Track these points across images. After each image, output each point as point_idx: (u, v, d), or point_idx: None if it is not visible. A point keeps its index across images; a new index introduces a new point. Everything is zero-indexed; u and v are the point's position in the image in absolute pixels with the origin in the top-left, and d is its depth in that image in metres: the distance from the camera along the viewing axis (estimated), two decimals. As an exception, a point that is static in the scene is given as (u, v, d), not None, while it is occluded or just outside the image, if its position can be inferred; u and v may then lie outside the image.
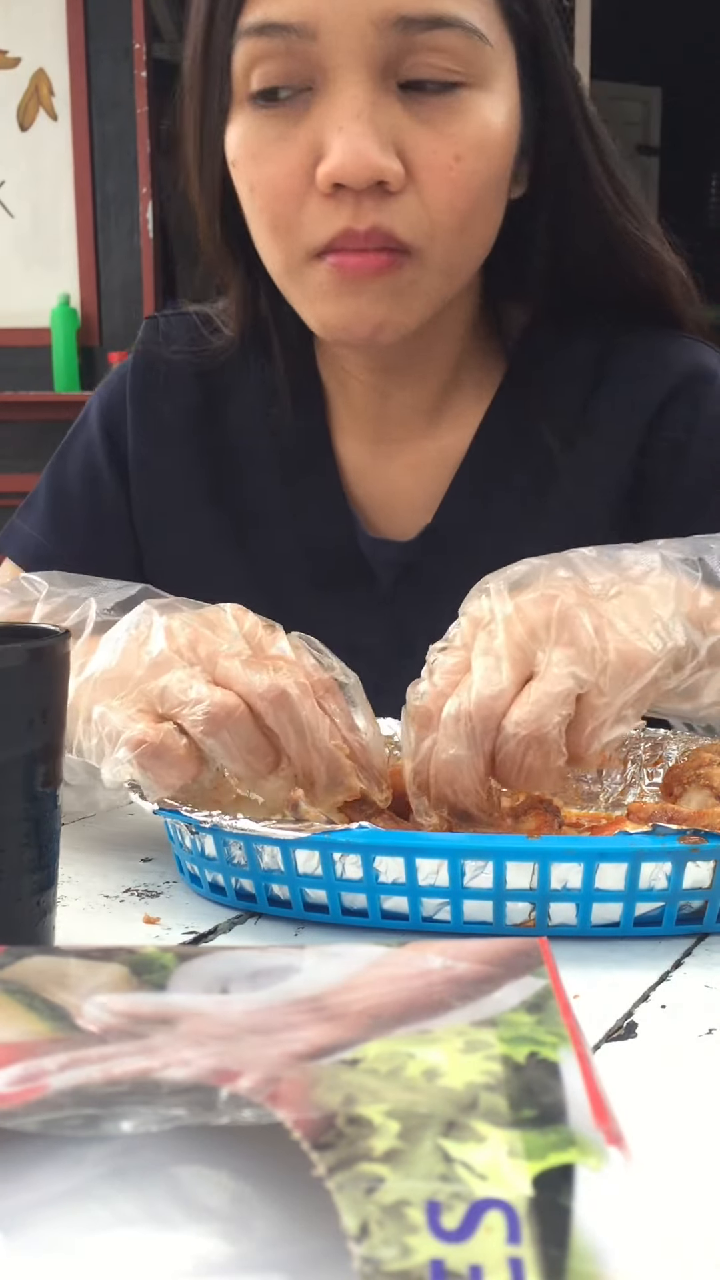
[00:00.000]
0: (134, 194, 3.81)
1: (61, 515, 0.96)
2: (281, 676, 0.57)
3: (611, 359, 0.87)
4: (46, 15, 3.76)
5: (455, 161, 0.72)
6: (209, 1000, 0.33)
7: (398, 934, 0.55)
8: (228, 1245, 0.22)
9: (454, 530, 0.88)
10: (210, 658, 0.59)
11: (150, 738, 0.57)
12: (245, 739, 0.57)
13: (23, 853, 0.49)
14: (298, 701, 0.57)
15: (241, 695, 0.57)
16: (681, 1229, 0.33)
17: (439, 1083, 0.28)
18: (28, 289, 3.87)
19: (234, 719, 0.57)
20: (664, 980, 0.51)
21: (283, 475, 0.91)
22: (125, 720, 0.58)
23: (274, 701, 0.57)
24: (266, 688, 0.57)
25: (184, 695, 0.57)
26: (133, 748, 0.57)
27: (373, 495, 0.90)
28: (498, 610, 0.58)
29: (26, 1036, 0.31)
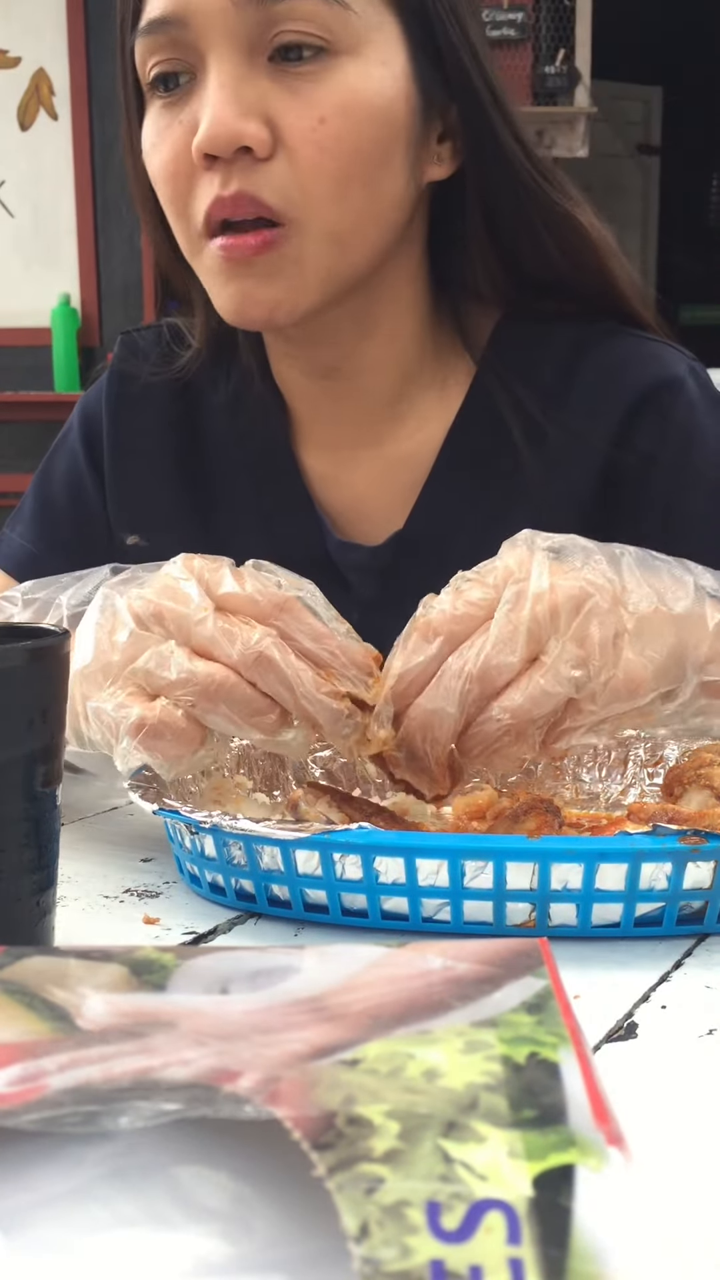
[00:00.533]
0: (134, 194, 3.81)
1: (48, 523, 0.97)
2: (254, 638, 0.57)
3: (581, 363, 0.87)
4: (47, 15, 3.76)
5: (320, 124, 0.74)
6: (209, 1000, 0.33)
7: (398, 934, 0.55)
8: (228, 1245, 0.22)
9: (425, 536, 0.88)
10: (180, 628, 0.58)
11: (148, 719, 0.57)
12: (244, 704, 0.57)
13: (22, 853, 0.49)
14: (280, 660, 0.57)
15: (224, 663, 0.57)
16: (681, 1229, 0.33)
17: (439, 1083, 0.28)
18: (28, 289, 3.87)
19: (226, 689, 0.57)
20: (664, 981, 0.51)
21: (253, 485, 0.92)
22: (118, 708, 0.59)
23: (257, 665, 0.57)
24: (247, 654, 0.56)
25: (167, 674, 0.57)
26: (134, 733, 0.58)
27: (339, 501, 0.91)
28: (535, 577, 0.57)
29: (26, 1036, 0.31)
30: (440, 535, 0.87)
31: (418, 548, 0.88)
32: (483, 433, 0.87)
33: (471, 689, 0.56)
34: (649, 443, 0.85)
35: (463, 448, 0.88)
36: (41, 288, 3.85)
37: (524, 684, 0.56)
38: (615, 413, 0.85)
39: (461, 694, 0.56)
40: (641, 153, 5.99)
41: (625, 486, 0.85)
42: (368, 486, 0.90)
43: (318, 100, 0.74)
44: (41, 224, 3.86)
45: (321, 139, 0.74)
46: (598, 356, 0.87)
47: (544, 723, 0.57)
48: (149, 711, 0.58)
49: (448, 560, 0.80)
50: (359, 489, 0.90)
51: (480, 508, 0.87)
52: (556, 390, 0.86)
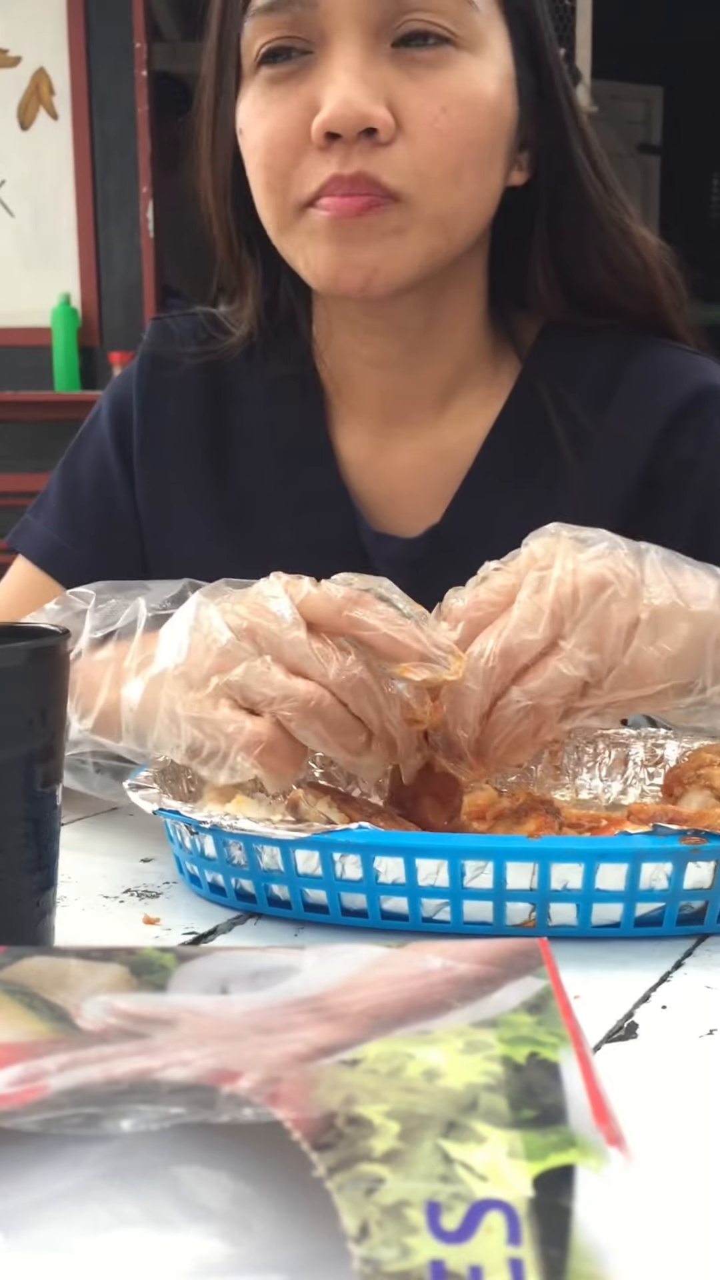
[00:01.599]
0: (135, 193, 3.81)
1: (73, 512, 0.96)
2: (350, 659, 0.58)
3: (624, 370, 0.88)
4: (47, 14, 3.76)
5: (442, 113, 0.76)
6: (209, 1001, 0.33)
7: (398, 934, 0.55)
8: (228, 1246, 0.22)
9: (461, 532, 0.88)
10: (273, 644, 0.59)
11: (264, 735, 0.58)
12: (338, 723, 0.58)
13: (22, 853, 0.49)
14: (374, 685, 0.58)
15: (319, 682, 0.58)
16: (681, 1229, 0.33)
17: (439, 1083, 0.27)
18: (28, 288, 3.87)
19: (324, 708, 0.57)
20: (664, 981, 0.51)
21: (285, 472, 0.92)
22: (227, 720, 0.59)
23: (353, 687, 0.58)
24: (344, 676, 0.58)
25: (267, 689, 0.58)
26: (250, 748, 0.58)
27: (376, 490, 0.91)
28: (560, 561, 0.59)
29: (26, 1037, 0.31)
30: (477, 531, 0.87)
31: (452, 543, 0.88)
32: (525, 432, 0.88)
33: (495, 666, 0.58)
34: (689, 449, 0.86)
35: (505, 445, 0.88)
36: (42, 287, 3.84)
37: (541, 669, 0.58)
38: (657, 419, 0.87)
39: (486, 672, 0.58)
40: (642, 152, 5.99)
41: (664, 491, 0.86)
42: (405, 477, 0.90)
43: (440, 89, 0.77)
44: (42, 223, 3.86)
45: (443, 127, 0.76)
46: (639, 364, 0.88)
47: (562, 705, 0.58)
48: (262, 727, 0.58)
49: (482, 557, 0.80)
50: (396, 479, 0.90)
51: (518, 506, 0.87)
52: (599, 395, 0.88)
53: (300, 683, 0.58)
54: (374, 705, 0.58)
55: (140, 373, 0.95)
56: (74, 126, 3.79)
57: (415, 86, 0.77)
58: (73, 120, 3.79)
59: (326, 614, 0.59)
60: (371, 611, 0.59)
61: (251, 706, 0.59)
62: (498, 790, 0.71)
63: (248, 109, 0.81)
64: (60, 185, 3.84)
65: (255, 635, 0.59)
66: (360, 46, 0.76)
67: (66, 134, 3.81)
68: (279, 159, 0.79)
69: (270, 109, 0.79)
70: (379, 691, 0.58)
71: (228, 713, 0.59)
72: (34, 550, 0.96)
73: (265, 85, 0.79)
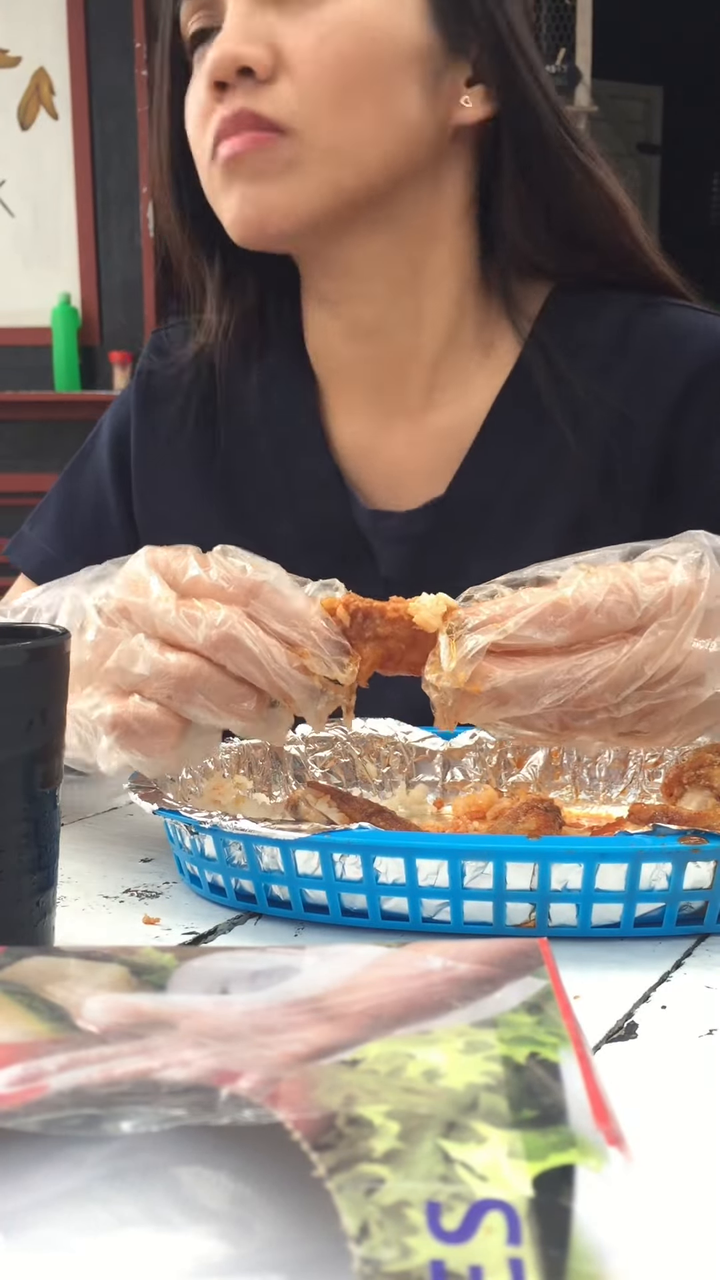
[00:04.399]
0: (135, 193, 3.81)
1: (68, 529, 0.97)
2: (219, 618, 0.55)
3: (632, 335, 0.86)
4: (47, 14, 3.76)
5: (320, 43, 0.77)
6: (209, 1001, 0.33)
7: (398, 935, 0.55)
8: (228, 1246, 0.22)
9: (464, 504, 0.87)
10: (145, 620, 0.57)
11: (121, 715, 0.57)
12: (218, 691, 0.56)
13: (22, 853, 0.49)
14: (247, 638, 0.55)
15: (190, 649, 0.56)
16: (681, 1229, 0.33)
17: (439, 1083, 0.27)
18: (28, 288, 3.87)
19: (201, 679, 0.56)
20: (664, 981, 0.51)
21: (282, 464, 0.92)
22: (93, 708, 0.58)
23: (224, 646, 0.55)
24: (215, 636, 0.55)
25: (138, 668, 0.56)
26: (110, 730, 0.57)
27: (373, 471, 0.90)
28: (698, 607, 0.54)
29: (26, 1037, 0.31)
30: (479, 505, 0.87)
31: (455, 516, 0.87)
32: (529, 407, 0.86)
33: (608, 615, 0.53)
34: (702, 418, 0.83)
35: (507, 421, 0.87)
36: (42, 287, 3.84)
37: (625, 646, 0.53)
38: (674, 384, 0.84)
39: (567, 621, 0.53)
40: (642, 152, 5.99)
41: (678, 464, 0.84)
42: (405, 456, 0.89)
43: (319, 21, 0.78)
44: (42, 223, 3.86)
45: (321, 56, 0.77)
46: (650, 328, 0.86)
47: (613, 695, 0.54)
48: (121, 708, 0.57)
49: (483, 531, 0.80)
50: (395, 458, 0.90)
51: (521, 480, 0.86)
52: (608, 363, 0.85)
53: (171, 656, 0.56)
54: (254, 661, 0.55)
55: (137, 389, 0.97)
56: (74, 126, 3.79)
57: (294, 23, 0.78)
58: (73, 120, 3.79)
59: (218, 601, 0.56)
60: (265, 603, 0.56)
61: (130, 689, 0.57)
62: (498, 790, 0.71)
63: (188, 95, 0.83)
64: (60, 185, 3.84)
65: (128, 613, 0.58)
66: (244, 5, 0.78)
67: (67, 134, 3.81)
68: (194, 126, 0.81)
69: (192, 89, 0.82)
70: (258, 642, 0.55)
71: (97, 700, 0.58)
72: (28, 563, 0.98)
73: (196, 71, 0.82)
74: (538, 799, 0.60)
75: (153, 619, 0.57)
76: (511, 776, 0.73)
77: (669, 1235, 0.33)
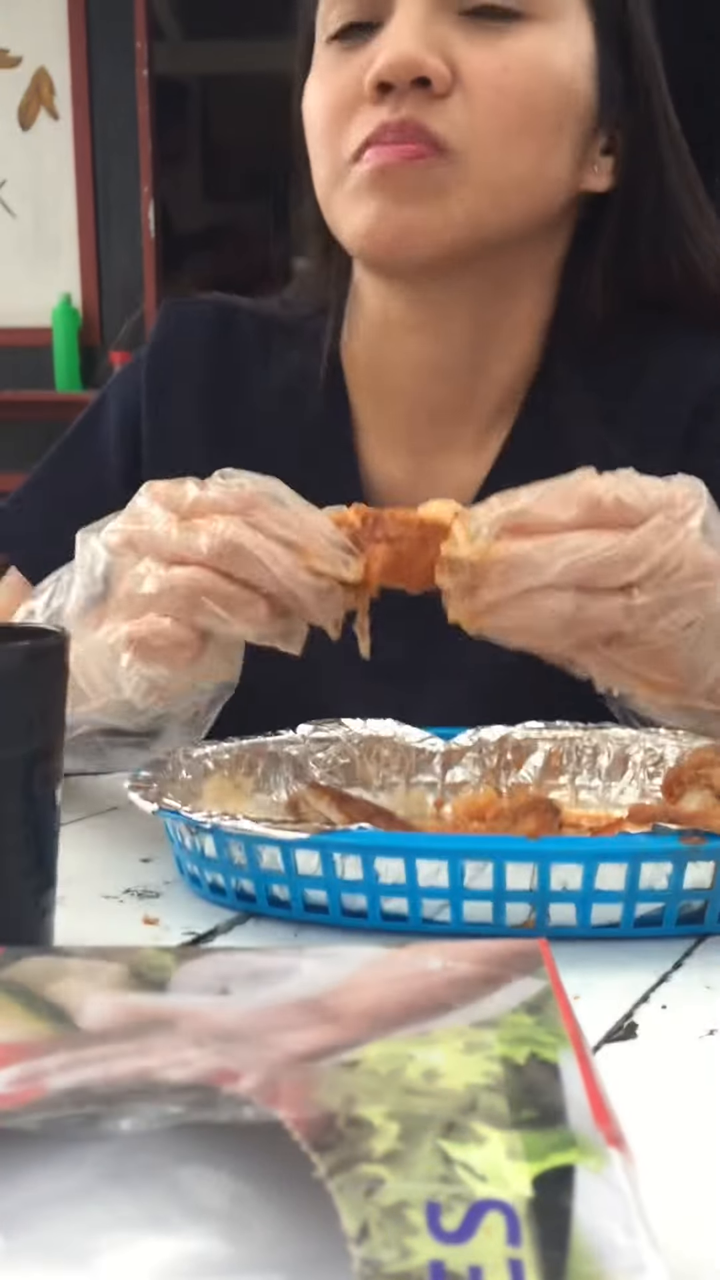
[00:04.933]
0: (135, 193, 3.81)
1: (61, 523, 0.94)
2: (220, 527, 0.56)
3: (648, 365, 0.84)
4: (48, 14, 3.76)
5: (503, 71, 0.73)
6: (209, 1001, 0.33)
7: (397, 935, 0.55)
8: (228, 1246, 0.22)
9: None
10: (151, 545, 0.58)
11: (137, 631, 0.57)
12: (228, 599, 0.56)
13: (22, 853, 0.49)
14: (250, 544, 0.56)
15: (197, 563, 0.56)
16: (682, 1229, 0.33)
17: (439, 1084, 0.27)
18: (29, 288, 3.87)
19: (208, 588, 0.56)
20: (664, 981, 0.51)
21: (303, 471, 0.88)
22: (108, 633, 0.58)
23: (229, 554, 0.56)
24: (217, 544, 0.55)
25: (146, 587, 0.57)
26: (127, 647, 0.57)
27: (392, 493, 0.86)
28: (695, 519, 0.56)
29: (26, 1036, 0.31)
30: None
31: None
32: (543, 435, 0.83)
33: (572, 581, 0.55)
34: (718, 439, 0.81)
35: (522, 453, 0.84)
36: (42, 287, 3.84)
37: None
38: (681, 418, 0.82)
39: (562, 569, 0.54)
40: (642, 153, 5.99)
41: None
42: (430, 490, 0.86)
43: (504, 50, 0.74)
44: (43, 223, 3.86)
45: (504, 84, 0.74)
46: (665, 357, 0.84)
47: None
48: (137, 625, 0.57)
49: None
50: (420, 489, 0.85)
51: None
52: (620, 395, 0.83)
53: (177, 570, 0.56)
54: (258, 564, 0.55)
55: (150, 363, 0.91)
56: (75, 126, 3.79)
57: (475, 44, 0.74)
58: (73, 120, 3.79)
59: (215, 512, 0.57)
60: (265, 512, 0.56)
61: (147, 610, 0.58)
62: (497, 791, 0.71)
63: (312, 78, 0.79)
64: (61, 185, 3.84)
65: (133, 542, 0.58)
66: (423, 9, 0.74)
67: (67, 134, 3.81)
68: (333, 119, 0.76)
69: (329, 76, 0.77)
70: (260, 547, 0.55)
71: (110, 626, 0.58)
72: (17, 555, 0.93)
73: (330, 57, 0.77)
74: (537, 799, 0.60)
75: (156, 542, 0.57)
76: (511, 777, 0.73)
77: (669, 1235, 0.33)
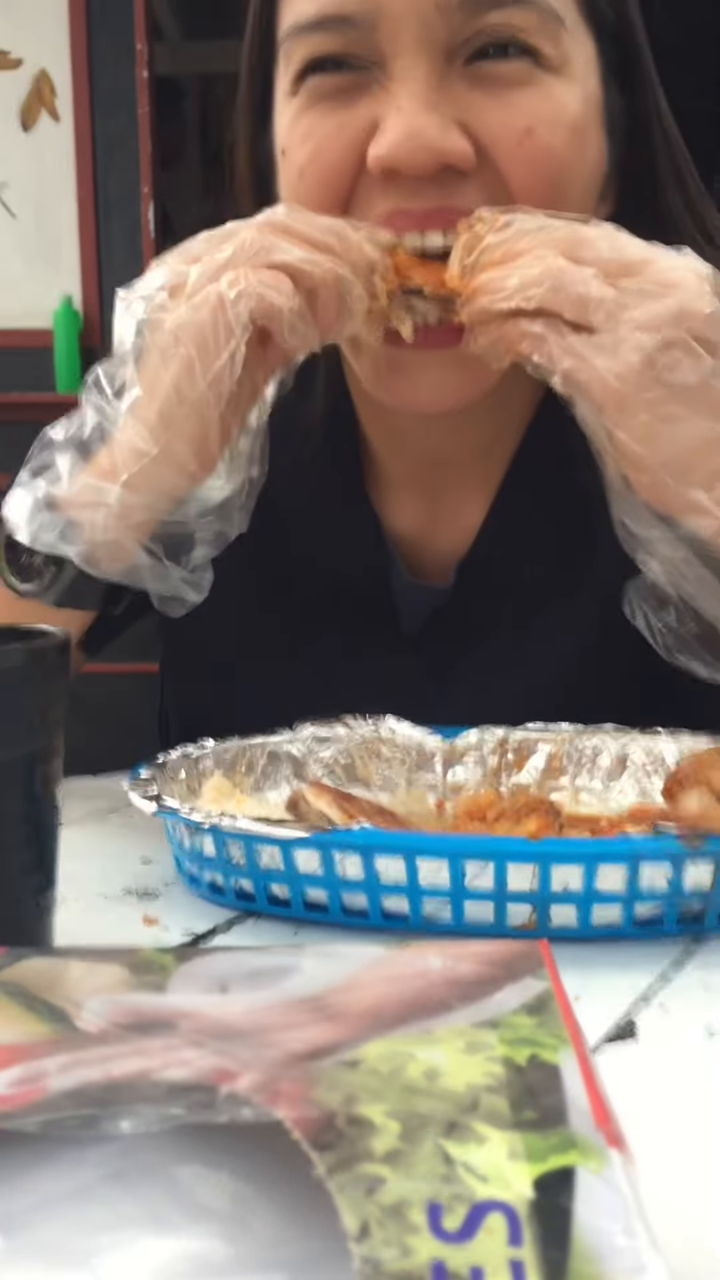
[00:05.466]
0: (136, 194, 3.81)
1: None
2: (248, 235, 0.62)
3: None
4: (48, 16, 3.76)
5: (527, 136, 0.66)
6: (209, 1000, 0.33)
7: (398, 934, 0.55)
8: (228, 1245, 0.22)
9: (487, 568, 0.83)
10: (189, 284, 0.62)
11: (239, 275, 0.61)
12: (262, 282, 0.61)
13: (22, 853, 0.49)
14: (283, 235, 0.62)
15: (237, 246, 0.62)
16: (682, 1230, 0.33)
17: (440, 1083, 0.27)
18: (30, 290, 3.87)
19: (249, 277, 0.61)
20: (664, 981, 0.51)
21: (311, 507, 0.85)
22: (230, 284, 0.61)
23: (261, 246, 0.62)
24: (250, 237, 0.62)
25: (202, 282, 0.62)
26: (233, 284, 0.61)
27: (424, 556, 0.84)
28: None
29: (26, 1037, 0.30)
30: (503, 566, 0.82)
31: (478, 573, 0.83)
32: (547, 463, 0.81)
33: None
34: None
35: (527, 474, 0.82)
36: (43, 288, 3.84)
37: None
38: None
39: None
40: (643, 154, 5.99)
41: None
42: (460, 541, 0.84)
43: (524, 108, 0.67)
44: (44, 225, 3.86)
45: (530, 154, 0.67)
46: None
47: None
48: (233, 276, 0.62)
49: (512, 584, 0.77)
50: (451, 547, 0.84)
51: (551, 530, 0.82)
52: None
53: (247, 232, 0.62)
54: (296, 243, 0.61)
55: None
56: (75, 127, 3.79)
57: (494, 105, 0.66)
58: (74, 121, 3.79)
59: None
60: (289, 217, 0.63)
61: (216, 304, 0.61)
62: (498, 791, 0.71)
63: (292, 123, 0.70)
64: (62, 186, 3.84)
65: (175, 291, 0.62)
66: (427, 70, 0.65)
67: (68, 135, 3.80)
68: (331, 190, 0.68)
69: (319, 129, 0.68)
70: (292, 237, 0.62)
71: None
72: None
73: (310, 99, 0.69)
74: (538, 800, 0.60)
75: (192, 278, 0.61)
76: (512, 778, 0.73)
77: (669, 1235, 0.33)
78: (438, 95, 0.66)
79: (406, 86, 0.65)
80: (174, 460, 0.63)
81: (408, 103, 0.65)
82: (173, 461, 0.63)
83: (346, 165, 0.68)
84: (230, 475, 0.66)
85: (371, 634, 0.84)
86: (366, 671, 0.81)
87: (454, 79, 0.67)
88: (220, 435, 0.64)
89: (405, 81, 0.66)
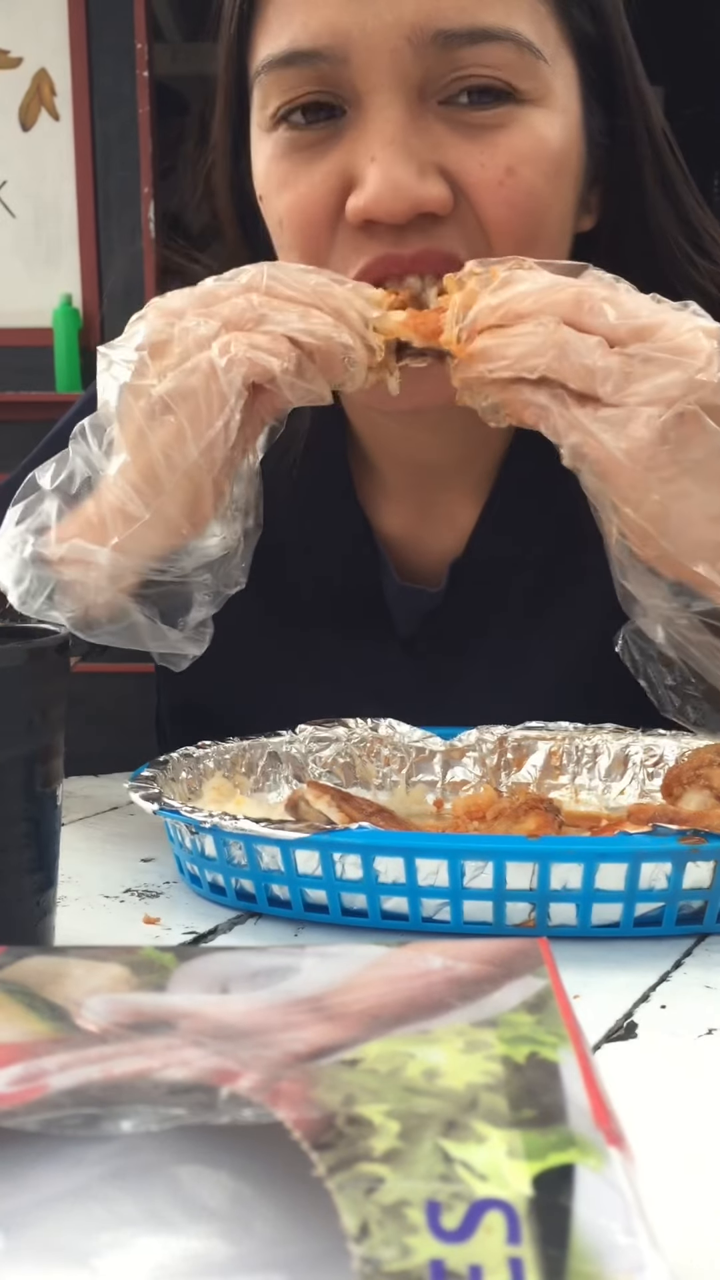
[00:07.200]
0: (136, 194, 3.81)
1: None
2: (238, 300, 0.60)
3: None
4: (48, 15, 3.76)
5: (507, 176, 0.65)
6: (209, 1000, 0.33)
7: (398, 934, 0.55)
8: (228, 1245, 0.22)
9: (480, 569, 0.83)
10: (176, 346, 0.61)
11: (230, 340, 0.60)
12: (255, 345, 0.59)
13: (23, 853, 0.49)
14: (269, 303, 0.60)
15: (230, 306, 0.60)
16: (682, 1229, 0.33)
17: (439, 1083, 0.27)
18: (29, 289, 3.87)
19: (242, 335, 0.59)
20: (664, 980, 0.51)
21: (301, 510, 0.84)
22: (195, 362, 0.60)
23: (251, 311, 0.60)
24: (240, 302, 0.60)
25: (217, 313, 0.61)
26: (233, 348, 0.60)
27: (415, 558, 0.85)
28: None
29: (27, 1036, 0.31)
30: (496, 570, 0.83)
31: (473, 576, 0.83)
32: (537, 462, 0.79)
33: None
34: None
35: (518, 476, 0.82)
36: (43, 288, 3.84)
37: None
38: None
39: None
40: (643, 153, 5.98)
41: None
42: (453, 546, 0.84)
43: (503, 148, 0.65)
44: (43, 224, 3.86)
45: (511, 195, 0.66)
46: None
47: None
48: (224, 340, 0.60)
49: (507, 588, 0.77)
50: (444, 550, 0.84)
51: (543, 532, 0.82)
52: None
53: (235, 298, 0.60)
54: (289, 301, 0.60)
55: None
56: (75, 127, 3.79)
57: (471, 146, 0.65)
58: (74, 121, 3.79)
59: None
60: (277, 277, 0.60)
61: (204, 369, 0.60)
62: (497, 790, 0.71)
63: (267, 172, 0.70)
64: (62, 186, 3.84)
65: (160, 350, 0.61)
66: (401, 110, 0.64)
67: (68, 135, 3.81)
68: (312, 240, 0.68)
69: (295, 178, 0.68)
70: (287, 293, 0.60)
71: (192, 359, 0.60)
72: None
73: (287, 146, 0.68)
74: (537, 799, 0.60)
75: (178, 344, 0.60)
76: (511, 776, 0.73)
77: (669, 1235, 0.33)
78: (415, 139, 0.65)
79: (382, 131, 0.64)
80: (165, 524, 0.62)
81: (382, 151, 0.64)
82: (164, 525, 0.62)
83: (324, 217, 0.68)
84: (225, 527, 0.64)
85: (365, 637, 0.85)
86: (361, 674, 0.81)
87: (430, 119, 0.65)
88: (213, 496, 0.62)
89: (380, 125, 0.65)
